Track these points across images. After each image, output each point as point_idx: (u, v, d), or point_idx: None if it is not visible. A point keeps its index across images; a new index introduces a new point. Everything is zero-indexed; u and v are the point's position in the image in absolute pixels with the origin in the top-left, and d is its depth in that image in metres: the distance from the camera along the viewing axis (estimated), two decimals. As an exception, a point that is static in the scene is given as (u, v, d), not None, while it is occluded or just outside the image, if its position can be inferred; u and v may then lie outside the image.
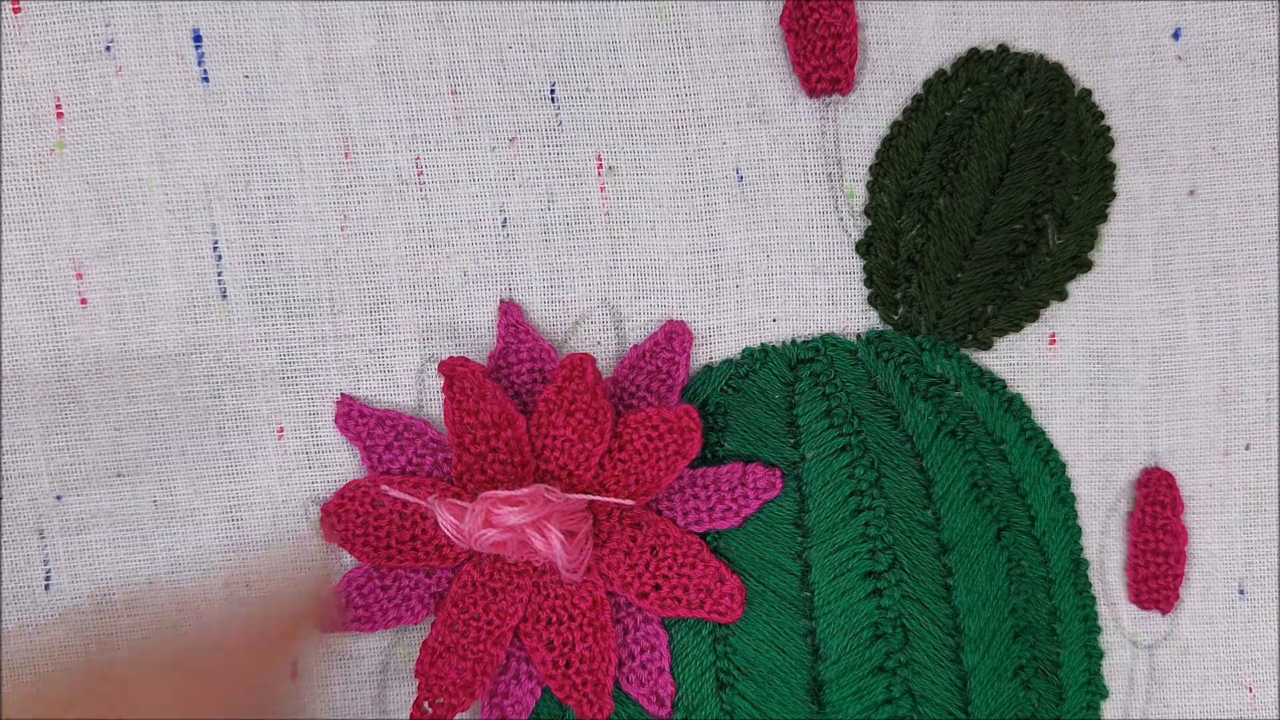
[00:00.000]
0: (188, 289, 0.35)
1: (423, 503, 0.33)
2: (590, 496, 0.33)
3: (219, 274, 0.35)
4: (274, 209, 0.35)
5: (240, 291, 0.35)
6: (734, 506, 0.35)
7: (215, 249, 0.35)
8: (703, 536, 0.35)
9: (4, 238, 0.35)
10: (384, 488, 0.34)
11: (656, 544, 0.35)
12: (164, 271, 0.35)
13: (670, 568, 0.34)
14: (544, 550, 0.32)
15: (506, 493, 0.33)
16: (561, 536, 0.32)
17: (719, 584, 0.35)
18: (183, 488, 0.36)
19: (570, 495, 0.32)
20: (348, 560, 0.36)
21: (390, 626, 0.35)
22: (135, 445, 0.35)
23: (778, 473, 0.35)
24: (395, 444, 0.35)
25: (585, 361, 0.34)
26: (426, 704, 0.35)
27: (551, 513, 0.32)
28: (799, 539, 0.36)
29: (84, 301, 0.35)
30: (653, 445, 0.34)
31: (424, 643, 0.35)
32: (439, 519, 0.33)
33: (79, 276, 0.35)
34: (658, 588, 0.34)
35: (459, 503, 0.33)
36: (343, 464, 0.36)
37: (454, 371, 0.34)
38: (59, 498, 0.35)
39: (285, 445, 0.36)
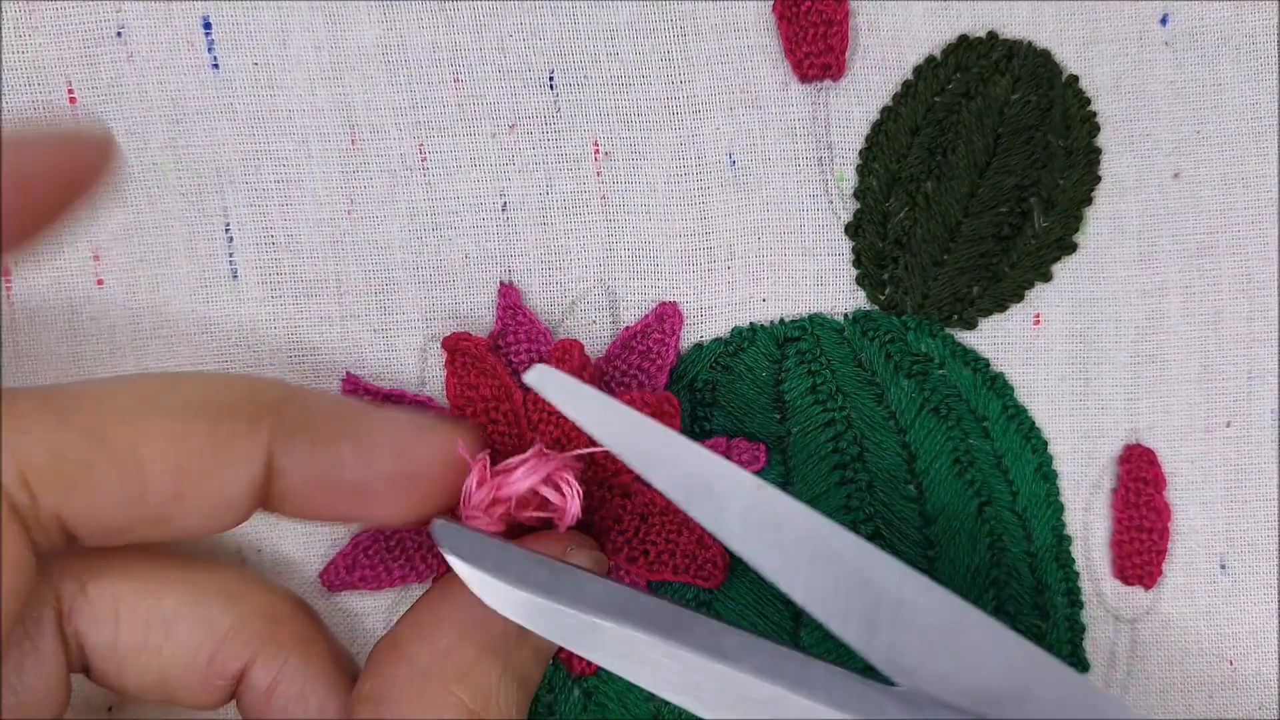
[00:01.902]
0: (200, 270, 0.36)
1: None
2: (581, 450, 0.34)
3: (230, 255, 0.36)
4: (283, 193, 0.36)
5: (250, 272, 0.36)
6: None
7: (227, 231, 0.36)
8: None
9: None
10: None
11: (645, 511, 0.35)
12: (177, 253, 0.36)
13: (658, 534, 0.35)
14: (557, 502, 0.32)
15: (505, 461, 0.33)
16: (578, 487, 0.33)
17: (702, 550, 0.36)
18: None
19: (563, 454, 0.33)
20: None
21: (396, 585, 0.36)
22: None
23: (762, 447, 0.36)
24: (400, 419, 0.36)
25: (574, 346, 0.35)
26: None
27: (557, 465, 0.33)
28: (784, 510, 0.36)
29: (100, 282, 0.36)
30: None
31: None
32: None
33: (96, 259, 0.36)
34: (646, 553, 0.35)
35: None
36: (348, 440, 0.36)
37: (457, 346, 0.35)
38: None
39: (293, 422, 0.36)
